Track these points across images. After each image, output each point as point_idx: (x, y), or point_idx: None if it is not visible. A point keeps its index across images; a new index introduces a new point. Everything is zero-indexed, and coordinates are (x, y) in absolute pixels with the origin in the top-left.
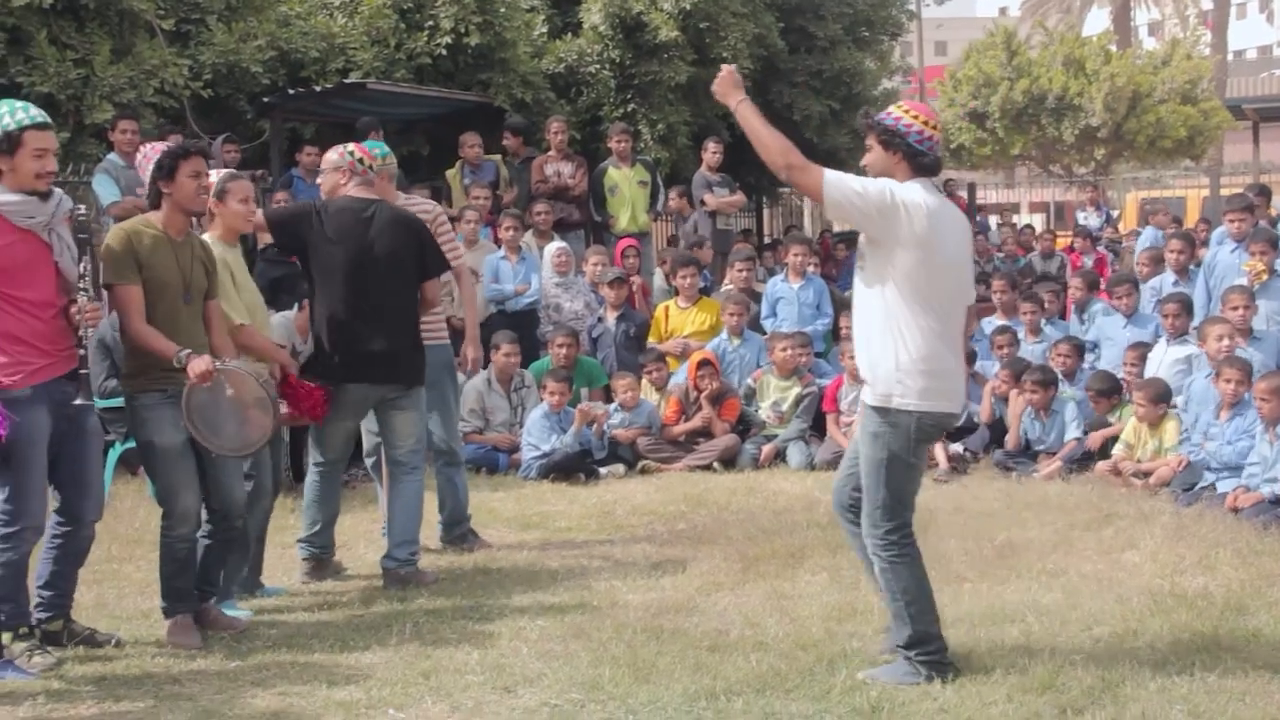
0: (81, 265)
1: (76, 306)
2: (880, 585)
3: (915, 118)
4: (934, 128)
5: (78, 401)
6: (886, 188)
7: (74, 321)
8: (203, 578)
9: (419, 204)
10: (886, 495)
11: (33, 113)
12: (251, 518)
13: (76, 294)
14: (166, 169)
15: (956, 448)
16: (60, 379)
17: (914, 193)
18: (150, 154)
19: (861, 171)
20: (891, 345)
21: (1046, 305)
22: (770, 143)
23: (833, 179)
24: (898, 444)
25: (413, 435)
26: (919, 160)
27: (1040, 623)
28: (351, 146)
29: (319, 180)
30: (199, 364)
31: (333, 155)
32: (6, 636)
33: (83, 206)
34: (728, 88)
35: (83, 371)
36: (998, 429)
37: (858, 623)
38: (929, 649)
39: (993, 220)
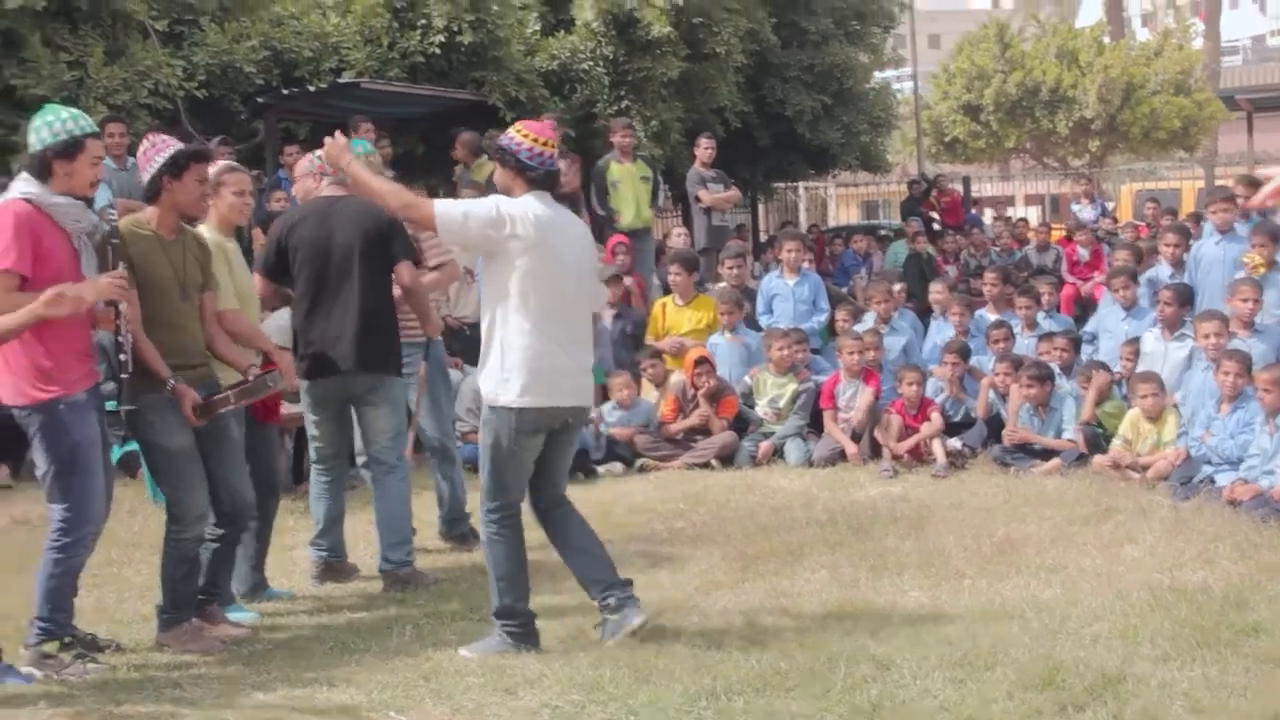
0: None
1: (118, 313)
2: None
3: (526, 136)
4: (545, 144)
5: (123, 407)
6: (492, 204)
7: (111, 327)
8: (210, 580)
9: None
10: (490, 478)
11: (91, 121)
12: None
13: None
14: (178, 167)
15: (954, 443)
16: (97, 385)
17: (523, 205)
18: (160, 145)
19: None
20: (496, 347)
21: (1043, 299)
22: (383, 191)
23: (440, 208)
24: (502, 434)
25: (387, 431)
26: (528, 175)
27: (1040, 618)
28: (318, 152)
29: (294, 190)
30: (187, 405)
31: (303, 162)
32: (52, 645)
33: (114, 212)
34: (337, 152)
35: (124, 375)
36: (995, 424)
37: (858, 620)
38: (515, 622)
39: (987, 214)
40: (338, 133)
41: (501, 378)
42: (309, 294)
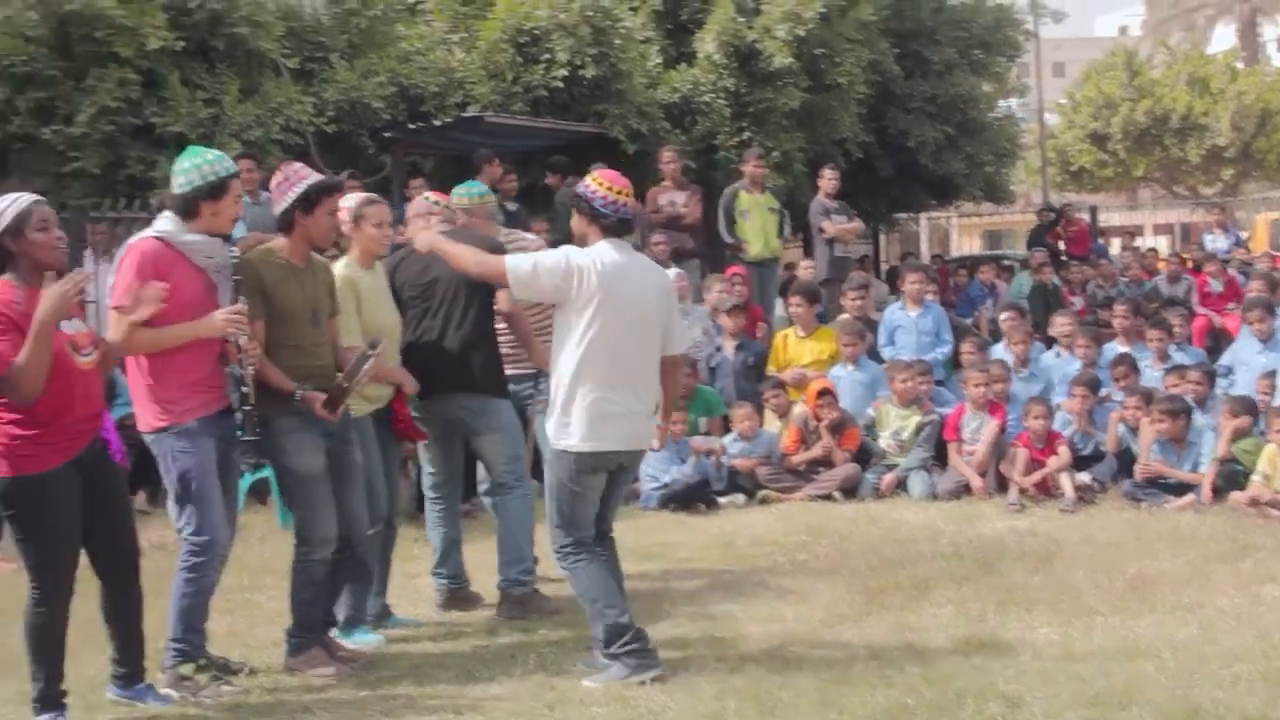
0: (238, 305)
1: (244, 345)
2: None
3: (601, 184)
4: (619, 192)
5: (247, 437)
6: (561, 254)
7: (234, 360)
8: (324, 607)
9: (519, 238)
10: (558, 516)
11: (232, 162)
12: (372, 540)
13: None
14: (310, 202)
15: (1083, 477)
16: (224, 412)
17: (592, 255)
18: (294, 178)
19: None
20: (560, 392)
21: (1175, 330)
22: (459, 254)
23: (511, 263)
24: (564, 475)
25: (503, 455)
26: (602, 222)
27: (1176, 658)
28: (429, 193)
29: (408, 230)
30: (318, 407)
31: (417, 202)
32: (188, 667)
33: (236, 249)
34: (426, 238)
35: (247, 408)
36: (1125, 459)
37: (985, 656)
38: (625, 640)
39: (1114, 244)
40: (422, 233)
41: (562, 422)
42: (416, 323)
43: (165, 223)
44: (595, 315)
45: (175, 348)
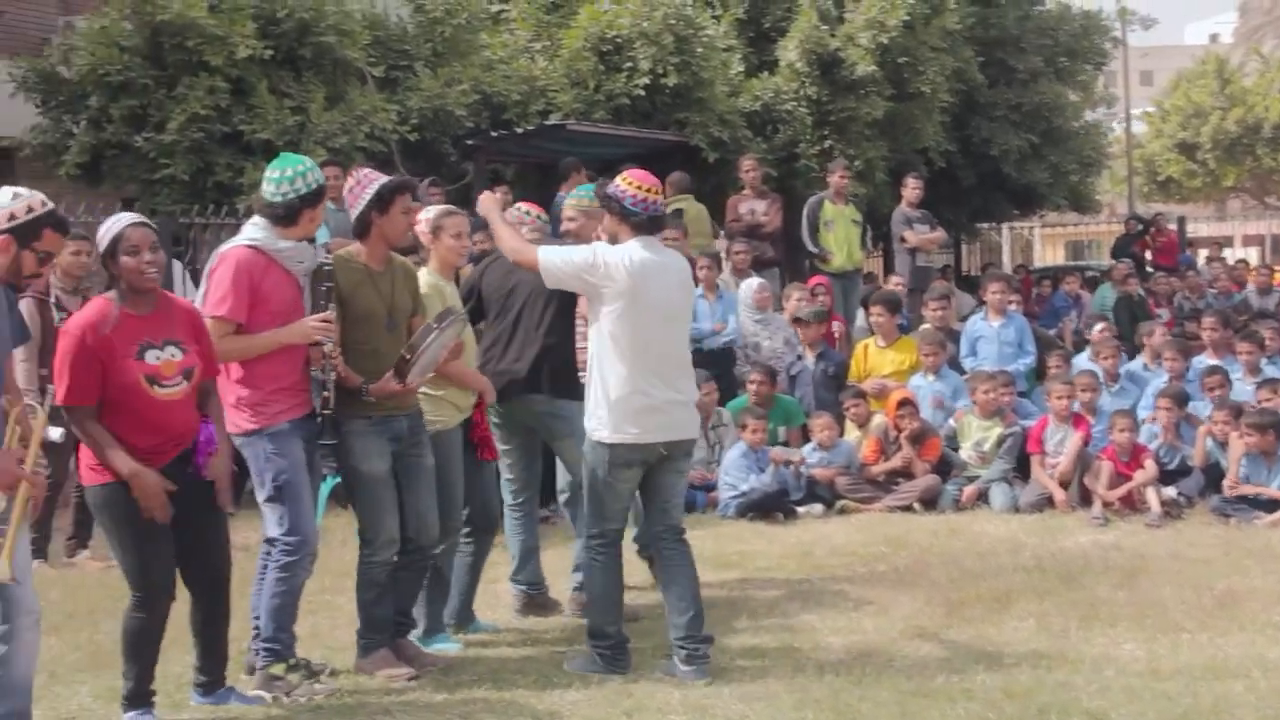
0: (327, 312)
1: (327, 350)
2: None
3: (630, 184)
4: (649, 191)
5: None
6: (592, 250)
7: (317, 364)
8: (399, 610)
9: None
10: (590, 507)
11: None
12: (447, 551)
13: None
14: (384, 201)
15: (1170, 492)
16: (309, 417)
17: (621, 252)
18: (364, 182)
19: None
20: (594, 385)
21: (1267, 343)
22: (502, 236)
23: (543, 254)
24: (598, 467)
25: (577, 460)
26: (631, 220)
27: (1267, 678)
28: (521, 204)
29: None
30: (391, 387)
31: (510, 212)
32: (279, 667)
33: (329, 255)
34: (485, 204)
35: (327, 411)
36: (1214, 474)
37: (1068, 671)
38: (603, 644)
39: (1202, 255)
40: (486, 194)
41: (596, 414)
42: (496, 328)
43: (256, 230)
44: (624, 311)
45: (274, 351)
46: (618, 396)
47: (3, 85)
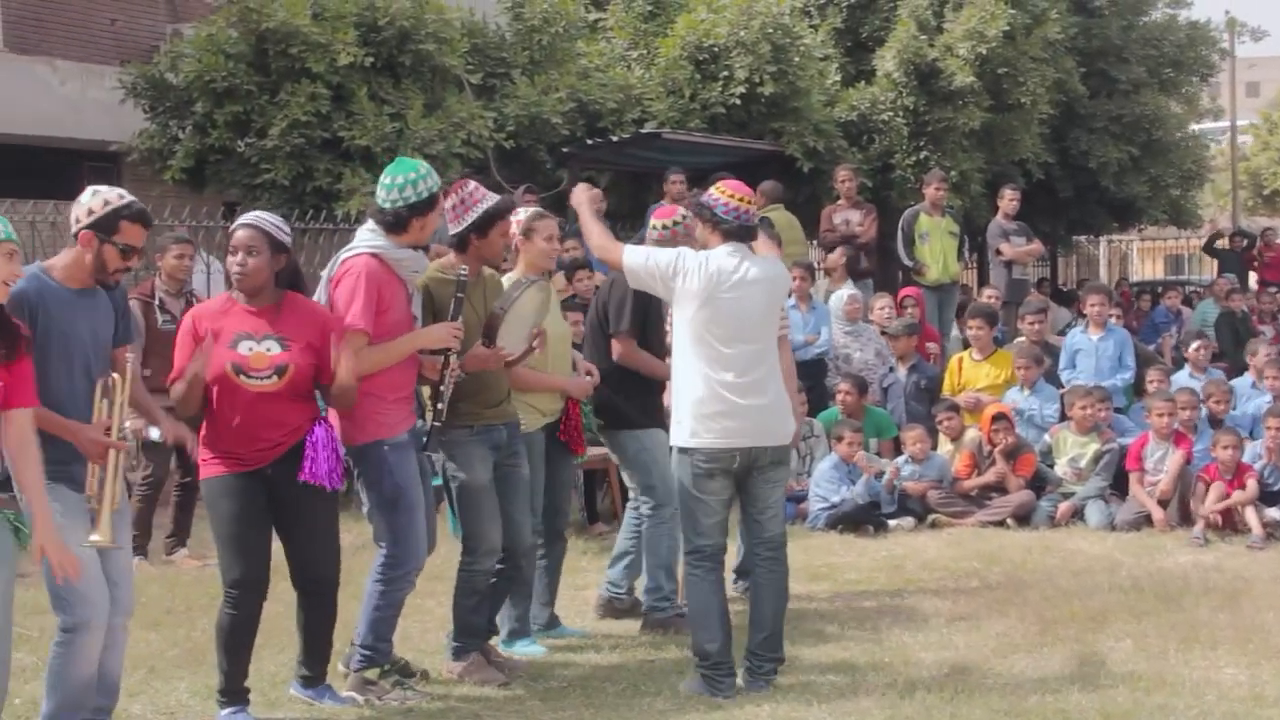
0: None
1: (452, 365)
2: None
3: (723, 193)
4: (740, 200)
5: (428, 453)
6: (674, 254)
7: (431, 375)
8: (489, 616)
9: None
10: (684, 520)
11: (438, 177)
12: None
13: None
14: (485, 228)
15: (1273, 513)
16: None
17: (704, 257)
18: (469, 200)
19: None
20: (677, 391)
21: None
22: (590, 233)
23: (628, 254)
24: (684, 476)
25: (633, 485)
26: (722, 228)
27: None
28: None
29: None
30: (486, 356)
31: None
32: (373, 672)
33: (465, 269)
34: (582, 197)
35: (436, 424)
36: None
37: (1167, 694)
38: (706, 664)
39: None
40: (582, 185)
41: (677, 419)
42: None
43: (373, 236)
44: (703, 315)
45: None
46: (692, 401)
47: (113, 91)
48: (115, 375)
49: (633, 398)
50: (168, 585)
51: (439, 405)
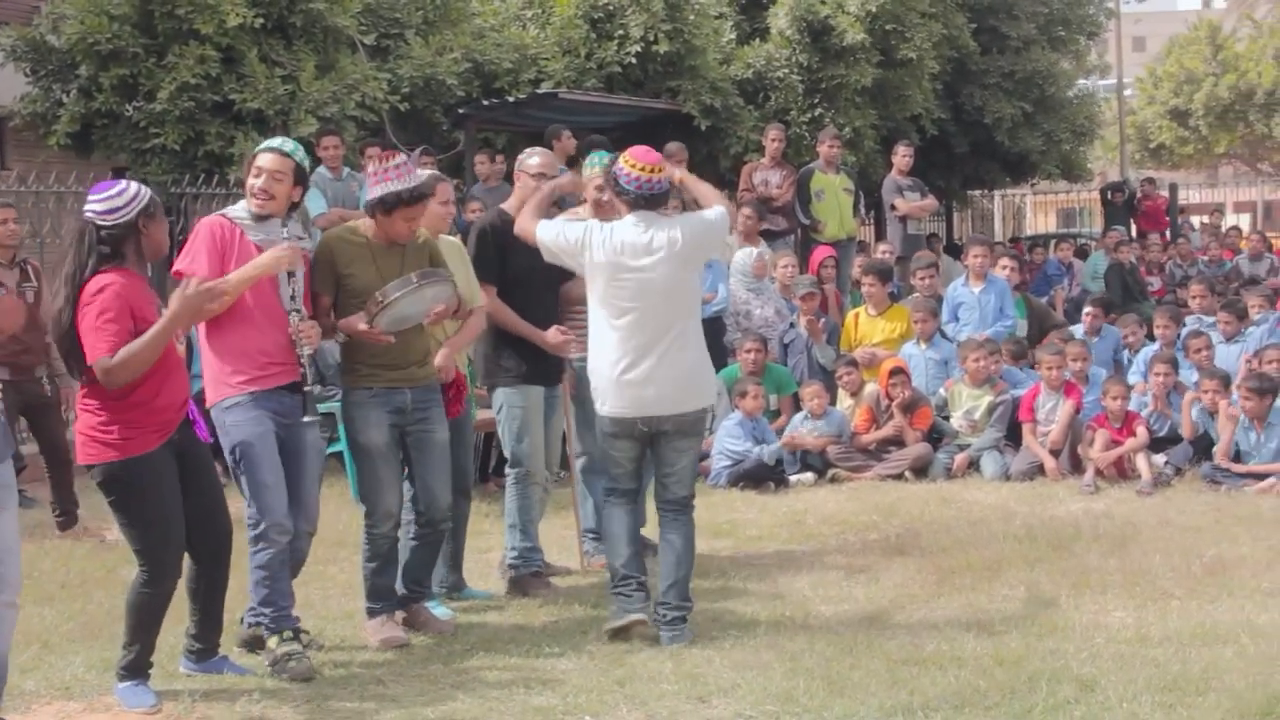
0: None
1: (293, 326)
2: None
3: (628, 163)
4: (643, 169)
5: (305, 419)
6: (582, 227)
7: (293, 339)
8: (413, 579)
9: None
10: (604, 460)
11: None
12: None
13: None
14: (388, 207)
15: (1159, 459)
16: (282, 388)
17: (609, 229)
18: (380, 175)
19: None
20: (591, 357)
21: (1251, 311)
22: (524, 210)
23: (540, 230)
24: (599, 432)
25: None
26: (625, 198)
27: (1256, 644)
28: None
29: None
30: (353, 327)
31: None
32: (273, 640)
33: (305, 237)
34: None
35: (305, 389)
36: (1203, 443)
37: (1059, 639)
38: (615, 584)
39: (1195, 221)
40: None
41: (594, 384)
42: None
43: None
44: (605, 287)
45: (234, 322)
46: (597, 368)
47: None
48: None
49: (500, 352)
50: (60, 559)
51: (302, 369)
